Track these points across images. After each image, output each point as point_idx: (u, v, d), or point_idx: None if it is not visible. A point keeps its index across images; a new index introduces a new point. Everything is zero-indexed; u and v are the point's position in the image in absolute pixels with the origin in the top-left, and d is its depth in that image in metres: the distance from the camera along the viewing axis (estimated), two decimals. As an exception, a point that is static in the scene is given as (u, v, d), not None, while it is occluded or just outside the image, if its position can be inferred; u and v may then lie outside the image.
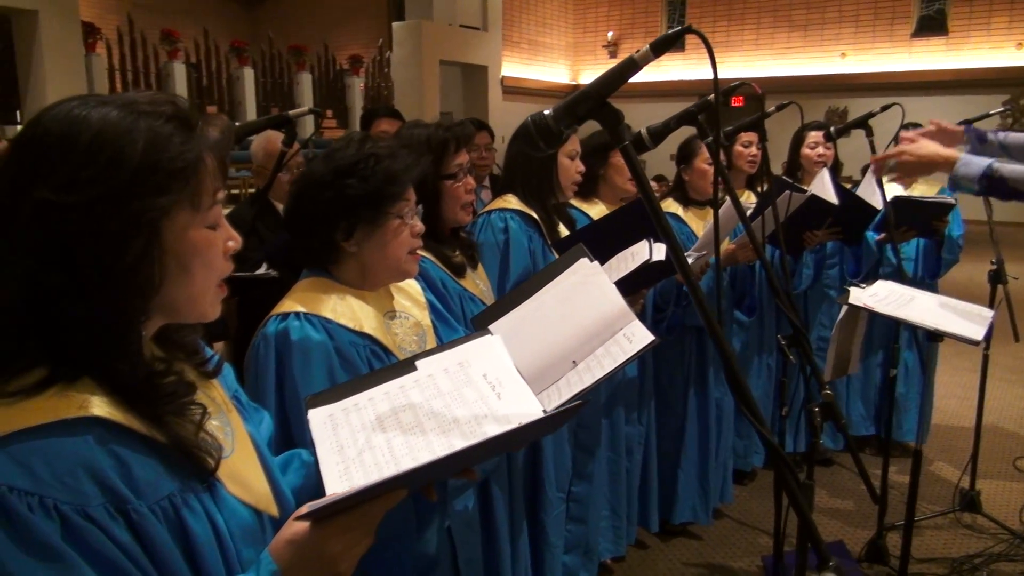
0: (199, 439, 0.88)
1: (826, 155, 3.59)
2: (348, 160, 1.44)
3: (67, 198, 0.77)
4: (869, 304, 2.17)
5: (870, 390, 4.03)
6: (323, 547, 0.86)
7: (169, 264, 0.84)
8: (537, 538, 2.50)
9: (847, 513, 3.54)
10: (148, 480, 0.82)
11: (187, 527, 0.85)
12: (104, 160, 0.78)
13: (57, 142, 0.79)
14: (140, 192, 0.79)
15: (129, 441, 0.82)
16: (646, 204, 1.02)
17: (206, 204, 0.86)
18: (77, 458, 0.77)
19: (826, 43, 14.01)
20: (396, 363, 1.23)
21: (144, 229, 0.80)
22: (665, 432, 3.20)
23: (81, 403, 0.79)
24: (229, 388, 1.07)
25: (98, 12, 13.70)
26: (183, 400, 0.89)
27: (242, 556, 0.91)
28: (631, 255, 2.10)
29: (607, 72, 1.00)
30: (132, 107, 0.82)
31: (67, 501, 0.75)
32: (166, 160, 0.81)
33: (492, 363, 1.17)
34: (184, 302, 0.89)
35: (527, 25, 15.16)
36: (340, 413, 1.10)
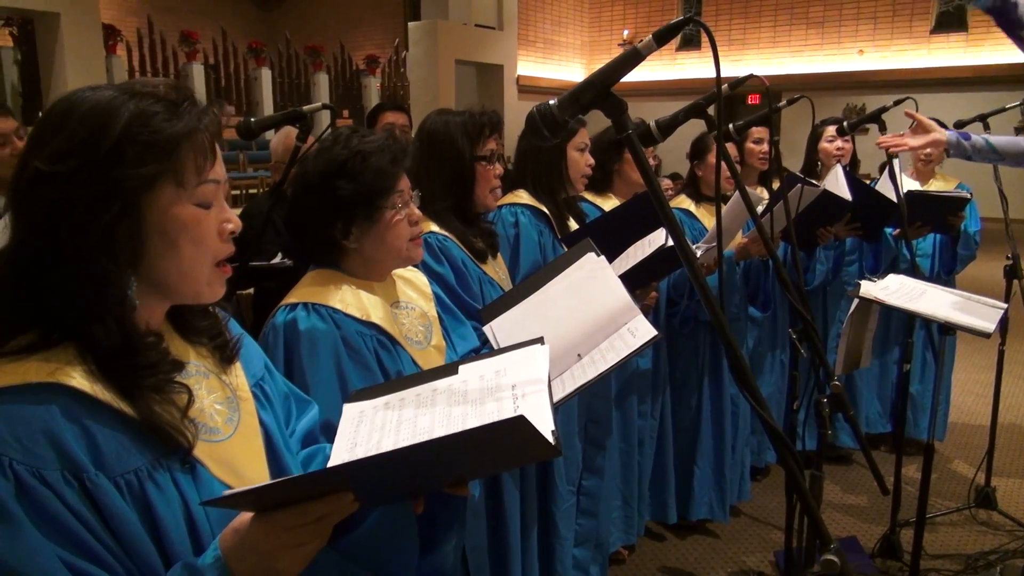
0: (177, 419, 0.89)
1: (844, 148, 3.58)
2: (337, 160, 1.45)
3: (53, 167, 0.83)
4: (880, 297, 2.16)
5: (887, 387, 4.00)
6: (259, 540, 0.85)
7: (153, 238, 0.88)
8: (547, 531, 2.52)
9: (861, 509, 3.53)
10: (112, 452, 0.84)
11: (150, 502, 0.86)
12: (87, 132, 0.84)
13: (56, 119, 0.86)
14: (117, 162, 0.84)
15: (97, 413, 0.85)
16: (650, 193, 1.04)
17: (191, 182, 0.89)
18: (39, 423, 0.81)
19: (843, 40, 13.90)
20: (442, 365, 1.24)
21: (119, 197, 0.84)
22: (680, 428, 3.20)
23: (53, 369, 0.83)
24: (253, 376, 1.08)
25: (118, 14, 13.86)
26: (164, 376, 0.90)
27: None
28: (648, 242, 2.11)
29: (611, 62, 1.01)
30: (127, 89, 0.88)
31: (23, 462, 0.79)
32: (145, 133, 0.85)
33: (527, 374, 1.13)
34: (176, 279, 0.91)
35: (542, 24, 15.17)
36: (370, 410, 1.11)
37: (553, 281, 1.51)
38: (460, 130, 1.96)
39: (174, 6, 15.56)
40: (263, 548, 0.85)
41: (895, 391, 3.93)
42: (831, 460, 3.95)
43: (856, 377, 3.91)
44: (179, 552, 0.88)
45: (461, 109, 2.01)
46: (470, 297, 1.80)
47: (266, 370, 1.14)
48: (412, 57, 12.38)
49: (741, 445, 3.34)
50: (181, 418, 0.90)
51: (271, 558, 0.85)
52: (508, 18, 13.37)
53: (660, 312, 3.02)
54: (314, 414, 1.22)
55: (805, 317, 1.84)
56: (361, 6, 16.94)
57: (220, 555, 0.86)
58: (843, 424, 3.86)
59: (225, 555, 0.85)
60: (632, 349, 1.30)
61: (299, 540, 0.86)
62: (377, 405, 1.11)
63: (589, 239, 1.65)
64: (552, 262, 1.59)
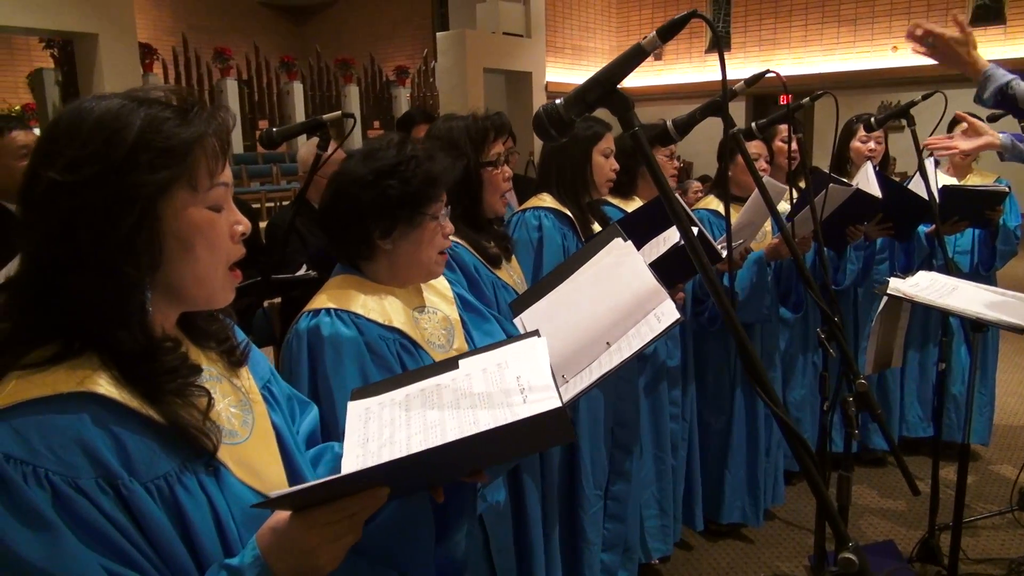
0: (200, 422, 0.91)
1: (877, 150, 3.52)
2: (389, 162, 1.48)
3: (69, 176, 0.84)
4: (909, 293, 2.12)
5: (927, 390, 3.91)
6: (300, 537, 0.87)
7: (170, 243, 0.89)
8: (575, 535, 2.51)
9: (898, 513, 3.45)
10: (143, 459, 0.86)
11: (181, 506, 0.88)
12: (101, 141, 0.85)
13: (65, 130, 0.86)
14: (133, 169, 0.85)
15: (126, 420, 0.86)
16: (659, 190, 1.03)
17: (204, 185, 0.91)
18: (72, 432, 0.82)
19: (877, 37, 13.67)
20: (442, 361, 1.25)
21: (137, 203, 0.85)
22: (711, 431, 3.16)
23: (82, 378, 0.84)
24: (260, 378, 1.10)
25: (155, 34, 14.19)
26: (184, 380, 0.92)
27: (244, 540, 0.92)
28: (663, 240, 2.10)
29: (615, 59, 1.02)
30: (134, 96, 0.89)
31: (59, 472, 0.80)
32: (159, 139, 0.86)
33: (529, 365, 1.15)
34: (192, 283, 0.93)
35: (570, 30, 15.17)
36: (376, 407, 1.12)
37: (582, 269, 1.51)
38: (463, 136, 1.94)
39: (208, 24, 15.88)
40: (305, 545, 0.87)
41: (935, 392, 3.84)
42: (866, 463, 3.87)
43: (892, 379, 3.83)
44: (210, 555, 0.89)
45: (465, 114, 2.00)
46: (483, 303, 1.80)
47: (271, 373, 1.16)
48: (441, 67, 12.47)
49: (775, 448, 3.29)
50: (203, 421, 0.91)
51: (312, 554, 0.87)
52: (536, 25, 13.40)
53: (687, 311, 3.00)
54: (314, 415, 1.24)
55: (829, 316, 1.81)
56: (391, 19, 17.12)
57: (259, 554, 0.87)
58: (876, 426, 3.78)
59: (264, 554, 0.87)
60: (656, 333, 1.29)
61: (337, 535, 0.88)
62: (383, 401, 1.12)
63: (616, 225, 1.64)
64: (580, 249, 1.59)
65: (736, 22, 14.56)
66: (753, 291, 2.94)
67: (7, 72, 13.39)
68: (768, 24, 14.51)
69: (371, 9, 17.26)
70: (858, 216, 3.18)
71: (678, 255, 2.02)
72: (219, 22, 16.23)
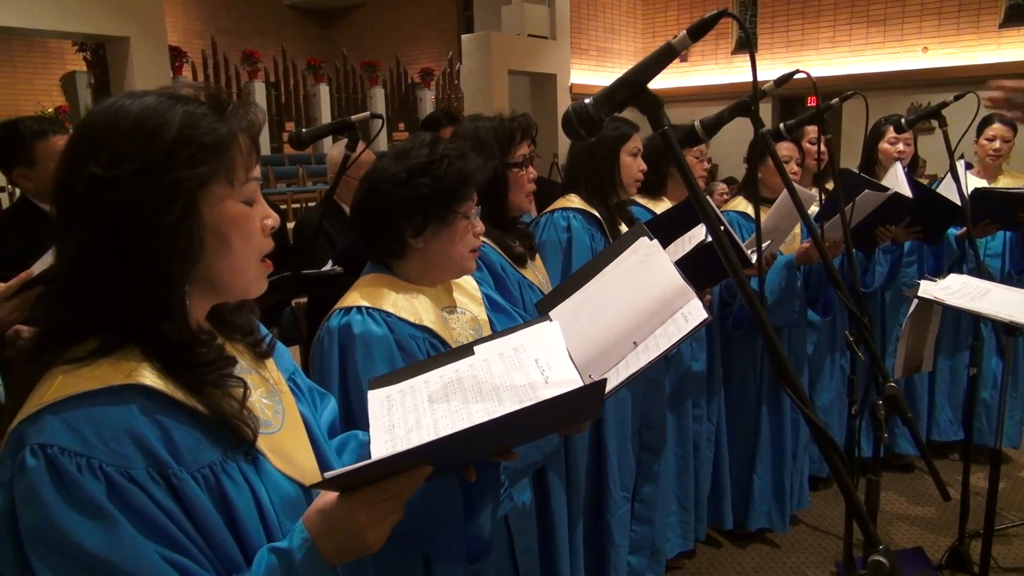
0: (239, 411, 0.93)
1: (906, 152, 3.48)
2: (422, 160, 1.49)
3: (112, 172, 0.85)
4: (940, 297, 2.09)
5: (958, 393, 3.86)
6: (349, 517, 0.88)
7: (208, 236, 0.90)
8: (602, 537, 2.51)
9: (927, 519, 3.40)
10: (189, 448, 0.87)
11: (227, 494, 0.90)
12: (143, 137, 0.86)
13: (104, 126, 0.88)
14: (175, 164, 0.87)
15: (171, 410, 0.88)
16: (688, 189, 1.03)
17: (240, 179, 0.93)
18: (122, 424, 0.83)
19: (907, 37, 13.48)
20: (456, 348, 1.27)
21: (180, 197, 0.87)
22: (738, 434, 3.15)
23: (129, 371, 0.86)
24: (286, 370, 1.13)
25: (184, 37, 14.39)
26: (221, 371, 0.94)
27: (284, 527, 0.95)
28: (688, 239, 2.09)
29: (645, 59, 1.02)
30: (168, 94, 0.91)
31: (112, 463, 0.82)
32: (199, 135, 0.88)
33: (546, 348, 1.18)
34: (228, 275, 0.95)
35: (595, 32, 15.13)
36: (396, 394, 1.14)
37: (607, 268, 1.50)
38: (490, 136, 1.95)
39: (236, 27, 16.07)
40: (354, 525, 0.88)
41: (965, 397, 3.79)
42: (894, 469, 3.82)
43: (920, 383, 3.78)
44: (253, 541, 0.91)
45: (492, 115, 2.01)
46: (510, 302, 1.81)
47: (294, 366, 1.18)
48: (466, 69, 12.49)
49: (801, 452, 3.26)
50: (241, 410, 0.93)
51: (361, 534, 0.89)
52: (561, 27, 13.37)
53: (713, 315, 2.98)
54: (333, 406, 1.26)
55: (859, 318, 1.79)
56: (416, 21, 17.20)
57: (308, 536, 0.89)
58: (905, 431, 3.73)
59: (312, 535, 0.89)
60: (683, 333, 1.29)
61: (384, 514, 0.90)
62: (403, 388, 1.14)
63: (642, 224, 1.64)
64: (606, 249, 1.58)
65: (763, 23, 14.44)
66: (783, 295, 2.92)
67: (41, 75, 13.65)
68: (796, 25, 14.38)
69: (397, 12, 17.36)
70: (887, 218, 3.14)
71: (706, 257, 2.01)
72: (247, 25, 16.41)
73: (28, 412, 0.83)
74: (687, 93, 14.06)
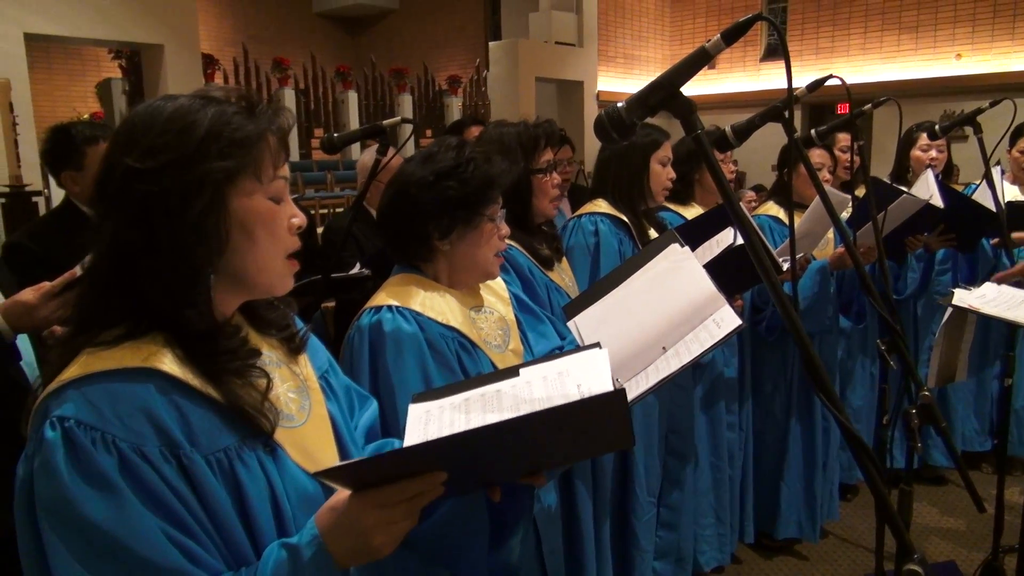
0: (259, 403, 0.94)
1: (938, 158, 3.43)
2: (449, 164, 1.51)
3: (145, 163, 0.89)
4: (975, 305, 2.06)
5: (984, 404, 3.79)
6: (357, 517, 0.88)
7: (234, 229, 0.93)
8: (627, 541, 2.50)
9: (960, 533, 3.34)
10: (204, 431, 0.89)
11: (240, 480, 0.91)
12: (175, 131, 0.91)
13: (140, 124, 0.93)
14: (205, 157, 0.91)
15: (188, 395, 0.90)
16: (720, 192, 1.03)
17: (268, 176, 0.96)
18: (139, 402, 0.86)
19: (939, 44, 13.29)
20: (503, 369, 1.26)
21: (208, 188, 0.91)
22: (766, 442, 3.12)
23: (147, 355, 0.89)
24: (319, 367, 1.14)
25: (216, 44, 14.61)
26: (243, 361, 0.96)
27: (299, 521, 0.95)
28: (716, 242, 2.09)
29: (679, 62, 1.02)
30: (202, 95, 0.95)
31: (125, 439, 0.84)
32: (229, 131, 0.92)
33: (590, 375, 1.15)
34: (253, 271, 0.97)
35: (622, 39, 15.11)
36: (436, 409, 1.14)
37: (637, 273, 1.50)
38: (515, 142, 1.96)
39: (267, 35, 16.27)
40: (362, 525, 0.88)
41: (995, 407, 3.72)
42: (926, 481, 3.76)
43: (951, 393, 3.72)
44: (265, 531, 0.92)
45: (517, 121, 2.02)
46: (538, 304, 1.82)
47: (329, 364, 1.19)
48: (493, 76, 12.55)
49: (832, 463, 3.22)
50: (262, 402, 0.95)
51: (369, 535, 0.88)
52: (588, 35, 13.38)
53: (744, 319, 2.96)
54: (374, 409, 1.26)
55: (892, 326, 1.77)
56: (444, 28, 17.30)
57: (317, 533, 0.89)
58: (937, 442, 3.67)
59: (322, 533, 0.89)
60: (716, 339, 1.28)
61: (394, 518, 0.89)
62: (443, 405, 1.14)
63: (673, 231, 1.63)
64: (636, 255, 1.58)
65: (793, 30, 14.32)
66: (816, 300, 2.90)
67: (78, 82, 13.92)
68: (826, 32, 14.25)
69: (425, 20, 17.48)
70: (919, 226, 3.10)
71: (735, 262, 2.00)
72: (278, 33, 16.61)
73: (53, 387, 0.87)
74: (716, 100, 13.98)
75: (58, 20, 7.59)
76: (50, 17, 7.50)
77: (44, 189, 7.28)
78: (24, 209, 6.53)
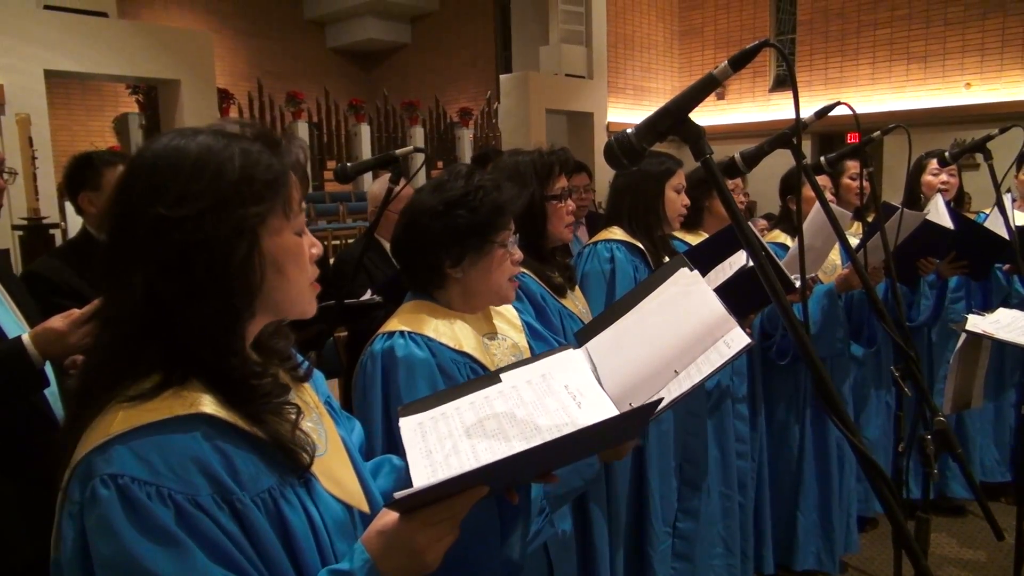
0: (295, 436, 0.95)
1: (949, 183, 3.43)
2: (458, 192, 1.53)
3: (179, 211, 0.87)
4: (989, 331, 2.05)
5: (1003, 432, 3.74)
6: (411, 538, 0.90)
7: (268, 269, 0.93)
8: (644, 573, 2.46)
9: (980, 565, 3.28)
10: (250, 474, 0.89)
11: (285, 519, 0.91)
12: (208, 176, 0.89)
13: (165, 166, 0.90)
14: (241, 201, 0.90)
15: (232, 437, 0.90)
16: (730, 215, 1.04)
17: (294, 212, 0.96)
18: (188, 452, 0.85)
19: (948, 74, 13.35)
20: (482, 376, 1.28)
21: (247, 234, 0.90)
22: (781, 472, 3.08)
23: (192, 402, 0.88)
24: (321, 394, 1.15)
25: (232, 79, 14.85)
26: (279, 400, 0.96)
27: (336, 548, 0.96)
28: (728, 265, 2.09)
29: (687, 89, 1.03)
30: (222, 133, 0.94)
31: (180, 491, 0.83)
32: (260, 172, 0.92)
33: (573, 375, 1.20)
34: (287, 305, 0.99)
35: (632, 71, 15.27)
36: (429, 421, 1.16)
37: (647, 299, 1.51)
38: (529, 170, 1.98)
39: (281, 70, 16.55)
40: (416, 545, 0.90)
41: (1014, 436, 3.67)
42: (944, 512, 3.70)
43: (968, 422, 3.67)
44: (309, 564, 0.92)
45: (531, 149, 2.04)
46: (551, 331, 1.82)
47: (327, 392, 1.20)
48: (504, 108, 12.69)
49: (847, 492, 3.18)
50: (293, 433, 0.95)
51: (422, 554, 0.90)
52: (598, 67, 13.54)
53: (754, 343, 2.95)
54: (359, 430, 1.27)
55: (906, 351, 1.76)
56: (456, 62, 17.55)
57: (369, 557, 0.90)
58: (955, 473, 3.62)
59: (374, 556, 0.90)
60: (725, 359, 1.29)
61: (442, 534, 0.92)
62: (434, 416, 1.16)
63: (681, 255, 1.64)
64: (645, 280, 1.59)
65: (801, 60, 14.43)
66: (825, 323, 2.88)
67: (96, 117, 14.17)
68: (834, 62, 14.34)
69: (437, 54, 17.75)
70: (929, 251, 3.09)
71: (746, 283, 2.00)
72: (291, 68, 16.90)
73: (96, 443, 0.85)
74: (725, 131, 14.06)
75: (77, 57, 7.75)
76: (70, 54, 7.67)
77: (61, 222, 7.39)
78: (41, 241, 6.63)
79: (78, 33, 7.71)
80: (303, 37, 17.53)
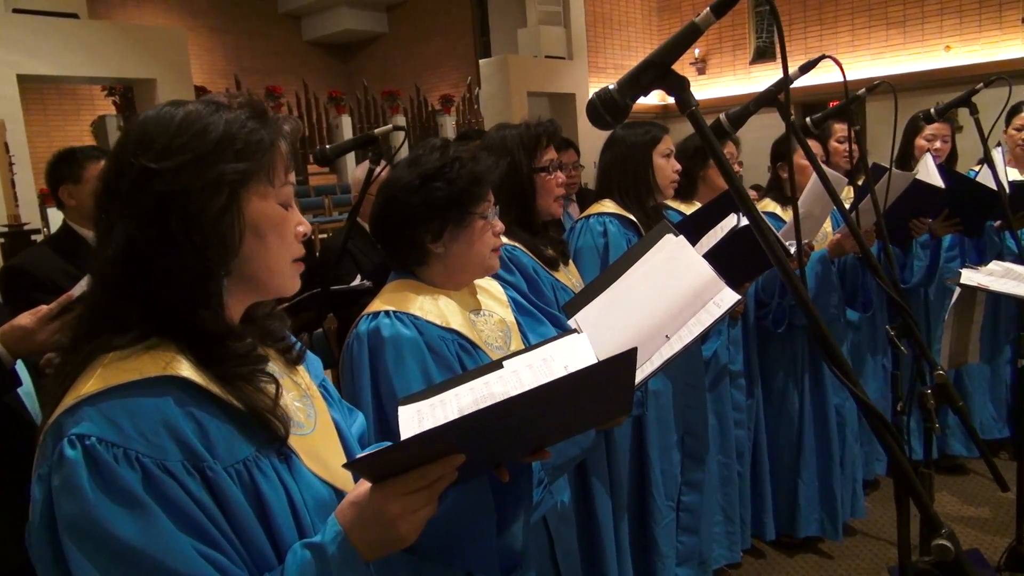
0: (272, 408, 0.93)
1: (943, 149, 3.41)
2: (434, 165, 1.49)
3: (161, 163, 0.89)
4: (983, 283, 2.03)
5: (1000, 389, 3.75)
6: (382, 508, 0.88)
7: (247, 231, 0.93)
8: (648, 548, 2.45)
9: (983, 521, 3.29)
10: (224, 443, 0.88)
11: (260, 491, 0.90)
12: (192, 133, 0.91)
13: (154, 125, 0.93)
14: (221, 158, 0.91)
15: (208, 406, 0.89)
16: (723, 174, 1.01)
17: (279, 181, 0.97)
18: (158, 415, 0.84)
19: (928, 37, 13.34)
20: (485, 364, 1.26)
21: (224, 189, 0.91)
22: (781, 441, 3.07)
23: (168, 362, 0.88)
24: (316, 377, 1.14)
25: (209, 77, 14.69)
26: (253, 366, 0.95)
27: (316, 527, 0.94)
28: (720, 228, 2.06)
29: (669, 39, 1.00)
30: (212, 102, 0.96)
31: (148, 454, 0.82)
32: (244, 134, 0.94)
33: (575, 357, 1.18)
34: (265, 274, 0.97)
35: (612, 50, 15.18)
36: (427, 408, 1.14)
37: (634, 267, 1.49)
38: (516, 143, 1.96)
39: (259, 66, 16.36)
40: (387, 515, 0.88)
41: (1011, 392, 3.67)
42: (945, 470, 3.71)
43: (966, 380, 3.67)
44: (286, 539, 0.91)
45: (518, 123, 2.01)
46: (544, 303, 1.79)
47: (323, 376, 1.19)
48: (485, 93, 12.60)
49: (850, 459, 3.17)
50: (273, 407, 0.94)
51: (394, 524, 0.88)
52: (577, 48, 13.45)
53: (749, 315, 2.93)
54: (361, 421, 1.26)
55: (903, 307, 1.74)
56: (434, 49, 17.40)
57: (340, 529, 0.89)
58: (954, 431, 3.63)
59: (345, 528, 0.89)
60: (715, 317, 1.27)
61: (418, 504, 0.89)
62: (433, 403, 1.14)
63: (666, 221, 1.62)
64: (630, 249, 1.57)
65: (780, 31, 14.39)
66: (819, 289, 2.87)
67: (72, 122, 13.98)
68: (814, 32, 14.31)
69: (415, 41, 17.59)
70: (922, 210, 3.08)
71: (739, 245, 1.98)
72: (269, 63, 16.71)
73: (67, 405, 0.85)
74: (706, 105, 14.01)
75: (50, 61, 7.64)
76: (42, 58, 7.56)
77: (43, 228, 7.31)
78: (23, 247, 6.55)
79: (49, 36, 7.60)
80: (279, 31, 17.32)
